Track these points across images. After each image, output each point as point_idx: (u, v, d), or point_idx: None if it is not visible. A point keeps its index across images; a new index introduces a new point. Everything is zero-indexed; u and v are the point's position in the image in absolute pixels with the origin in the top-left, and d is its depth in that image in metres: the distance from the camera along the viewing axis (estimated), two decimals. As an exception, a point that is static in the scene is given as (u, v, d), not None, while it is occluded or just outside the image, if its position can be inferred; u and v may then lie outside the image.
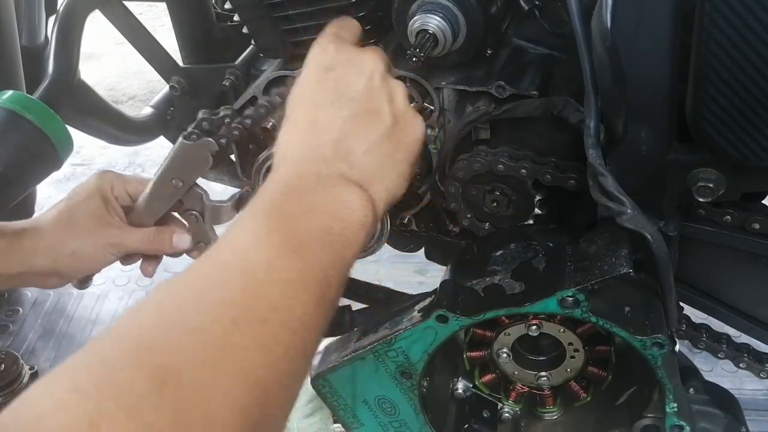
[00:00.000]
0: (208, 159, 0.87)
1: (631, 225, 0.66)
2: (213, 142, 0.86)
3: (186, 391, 0.38)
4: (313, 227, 0.54)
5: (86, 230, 0.86)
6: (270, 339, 0.44)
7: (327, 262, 0.53)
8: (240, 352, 0.42)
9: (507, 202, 0.90)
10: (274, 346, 0.44)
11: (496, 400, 0.85)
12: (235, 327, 0.43)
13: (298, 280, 0.49)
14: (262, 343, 0.44)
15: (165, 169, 0.88)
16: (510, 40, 0.89)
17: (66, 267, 0.86)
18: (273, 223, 0.52)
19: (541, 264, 0.72)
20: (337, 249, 0.54)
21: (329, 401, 0.81)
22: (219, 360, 0.40)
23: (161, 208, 0.92)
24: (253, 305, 0.45)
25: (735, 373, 1.33)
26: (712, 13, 0.58)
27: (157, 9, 2.44)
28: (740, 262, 0.83)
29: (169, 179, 0.89)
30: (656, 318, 0.66)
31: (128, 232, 0.89)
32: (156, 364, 0.38)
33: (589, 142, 0.70)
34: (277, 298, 0.47)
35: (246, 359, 0.42)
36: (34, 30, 1.43)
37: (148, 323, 0.42)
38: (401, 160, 0.64)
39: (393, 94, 0.66)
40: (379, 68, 0.67)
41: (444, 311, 0.70)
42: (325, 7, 0.87)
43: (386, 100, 0.65)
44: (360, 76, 0.65)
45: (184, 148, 0.86)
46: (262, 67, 1.04)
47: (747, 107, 0.62)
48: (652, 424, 0.71)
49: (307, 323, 0.47)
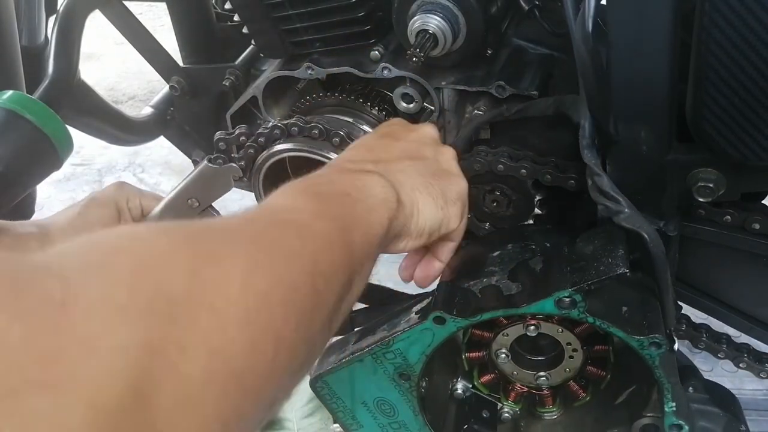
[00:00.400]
0: (230, 183, 0.89)
1: (627, 224, 0.66)
2: (238, 168, 0.88)
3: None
4: (332, 190, 0.55)
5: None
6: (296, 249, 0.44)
7: (347, 213, 0.52)
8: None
9: (507, 202, 0.90)
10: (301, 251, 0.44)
11: (496, 400, 0.85)
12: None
13: (317, 212, 0.50)
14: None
15: (183, 188, 0.90)
16: (510, 40, 0.89)
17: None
18: (292, 190, 0.53)
19: (538, 264, 0.72)
20: (359, 209, 0.54)
21: (328, 403, 0.81)
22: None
23: None
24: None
25: (735, 373, 1.33)
26: (712, 13, 0.57)
27: (157, 9, 2.44)
28: (740, 262, 0.83)
29: (185, 198, 0.90)
30: (653, 317, 0.66)
31: None
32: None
33: (584, 143, 0.70)
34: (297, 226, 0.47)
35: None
36: (34, 30, 1.43)
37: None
38: (439, 196, 0.65)
39: (443, 152, 0.70)
40: (432, 132, 0.72)
41: (441, 313, 0.70)
42: (325, 7, 0.87)
43: (434, 153, 0.69)
44: (413, 132, 0.71)
45: (208, 171, 0.88)
46: (262, 67, 1.04)
47: (747, 107, 0.62)
48: (651, 424, 0.71)
49: (325, 271, 0.46)
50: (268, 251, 0.42)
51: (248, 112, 1.03)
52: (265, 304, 0.38)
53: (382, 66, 0.87)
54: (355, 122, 0.94)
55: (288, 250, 0.44)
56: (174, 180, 1.03)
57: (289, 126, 0.89)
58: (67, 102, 0.95)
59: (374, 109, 0.94)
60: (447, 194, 0.65)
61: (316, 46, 0.92)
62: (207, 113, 1.08)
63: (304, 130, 0.88)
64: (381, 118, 0.94)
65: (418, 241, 0.63)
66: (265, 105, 1.01)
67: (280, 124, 0.90)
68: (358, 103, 0.94)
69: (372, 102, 0.94)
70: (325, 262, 0.46)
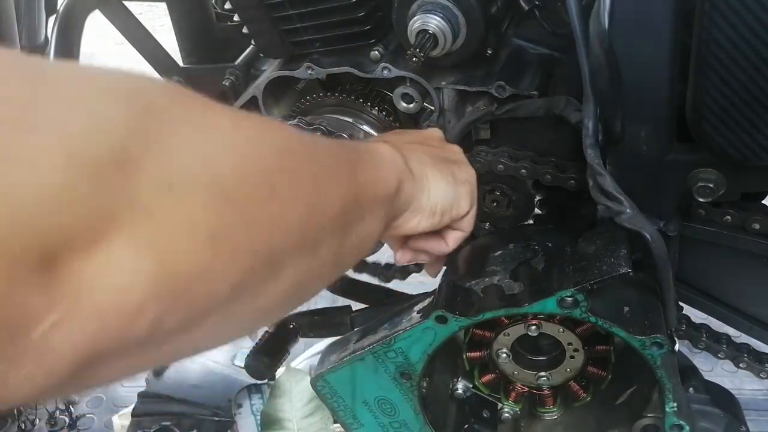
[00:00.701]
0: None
1: (629, 224, 0.66)
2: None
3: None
4: (335, 144, 0.56)
5: None
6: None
7: (353, 159, 0.52)
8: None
9: (507, 202, 0.90)
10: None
11: (496, 400, 0.85)
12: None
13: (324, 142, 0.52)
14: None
15: None
16: (510, 40, 0.89)
17: None
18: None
19: (540, 264, 0.72)
20: (367, 162, 0.54)
21: (329, 402, 0.81)
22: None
23: None
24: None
25: (735, 373, 1.33)
26: (712, 13, 0.58)
27: (157, 9, 2.44)
28: (740, 262, 0.83)
29: None
30: (655, 318, 0.66)
31: None
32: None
33: (588, 142, 0.70)
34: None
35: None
36: (34, 30, 1.43)
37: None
38: (449, 174, 0.66)
39: (450, 147, 0.73)
40: (439, 133, 0.76)
41: (443, 312, 0.70)
42: (325, 7, 0.87)
43: (442, 146, 0.72)
44: (420, 133, 0.77)
45: None
46: (262, 67, 1.04)
47: (747, 107, 0.62)
48: (651, 424, 0.71)
49: (324, 175, 0.46)
50: (261, 125, 0.42)
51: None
52: (255, 143, 0.39)
53: (382, 66, 0.87)
54: (355, 122, 0.94)
55: (284, 141, 0.43)
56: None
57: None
58: (67, 102, 0.95)
59: (374, 109, 0.94)
60: (457, 175, 0.66)
61: (316, 46, 0.92)
62: (207, 113, 1.09)
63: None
64: (381, 118, 0.94)
65: (431, 220, 0.63)
66: (265, 105, 1.01)
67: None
68: (358, 103, 0.94)
69: (372, 102, 0.94)
70: (324, 168, 0.46)
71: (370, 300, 1.08)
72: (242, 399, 1.36)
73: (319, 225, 0.44)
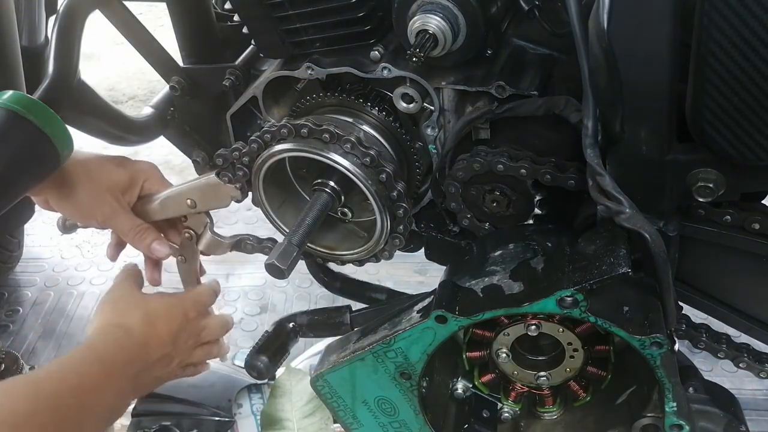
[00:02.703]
0: (227, 200, 0.97)
1: (629, 224, 0.66)
2: (238, 193, 0.96)
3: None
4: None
5: (98, 187, 0.96)
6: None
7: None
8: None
9: (507, 202, 0.90)
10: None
11: (496, 400, 0.85)
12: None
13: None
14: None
15: (187, 188, 0.99)
16: (510, 40, 0.89)
17: (55, 199, 0.96)
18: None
19: (540, 264, 0.72)
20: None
21: (329, 402, 0.81)
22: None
23: (164, 213, 1.01)
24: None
25: (735, 373, 1.33)
26: (712, 13, 0.58)
27: (157, 9, 2.44)
28: (740, 262, 0.83)
29: (185, 197, 0.99)
30: (655, 317, 0.66)
31: (123, 213, 0.98)
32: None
33: (587, 142, 0.70)
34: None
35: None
36: (34, 30, 1.43)
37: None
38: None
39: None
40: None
41: (443, 312, 0.70)
42: (325, 7, 0.87)
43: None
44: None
45: (212, 183, 0.96)
46: (262, 67, 1.04)
47: (747, 107, 0.62)
48: (651, 424, 0.71)
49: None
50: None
51: (248, 112, 1.03)
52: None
53: (382, 66, 0.87)
54: (355, 122, 0.94)
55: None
56: (174, 180, 1.04)
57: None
58: (67, 102, 0.95)
59: (374, 109, 0.94)
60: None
61: (316, 46, 0.92)
62: (207, 113, 1.08)
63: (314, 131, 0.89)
64: (381, 118, 0.94)
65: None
66: (265, 105, 1.01)
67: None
68: (358, 103, 0.94)
69: (372, 102, 0.94)
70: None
71: (370, 299, 1.08)
72: (242, 399, 1.36)
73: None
